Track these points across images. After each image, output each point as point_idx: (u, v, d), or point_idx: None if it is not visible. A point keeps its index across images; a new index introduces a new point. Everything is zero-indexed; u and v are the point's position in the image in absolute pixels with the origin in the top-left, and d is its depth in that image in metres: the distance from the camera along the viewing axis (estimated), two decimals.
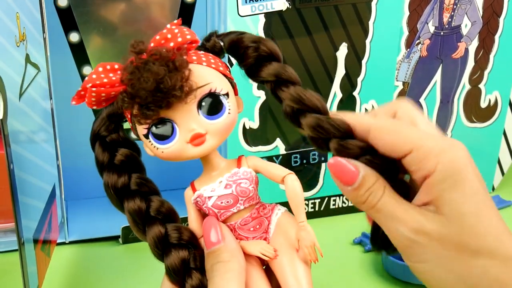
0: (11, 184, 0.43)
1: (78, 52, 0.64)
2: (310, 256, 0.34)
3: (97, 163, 0.36)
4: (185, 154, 0.34)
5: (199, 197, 0.35)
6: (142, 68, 0.31)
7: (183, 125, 0.33)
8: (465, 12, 0.64)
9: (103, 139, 0.36)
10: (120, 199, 0.35)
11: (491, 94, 0.69)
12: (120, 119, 0.36)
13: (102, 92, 0.33)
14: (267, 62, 0.35)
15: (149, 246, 0.35)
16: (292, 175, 0.35)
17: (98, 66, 0.33)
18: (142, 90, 0.31)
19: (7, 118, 0.42)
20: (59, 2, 0.61)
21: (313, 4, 0.58)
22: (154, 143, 0.33)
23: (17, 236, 0.44)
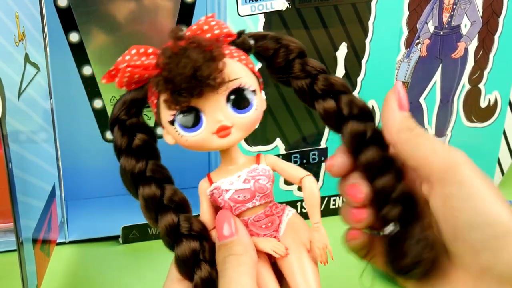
0: (10, 183, 0.43)
1: (78, 52, 0.64)
2: (321, 258, 0.35)
3: (116, 146, 0.36)
4: (209, 144, 0.34)
5: (216, 189, 0.35)
6: (180, 54, 0.31)
7: (211, 115, 0.33)
8: (465, 12, 0.64)
9: (123, 123, 0.36)
10: (135, 184, 0.35)
11: (491, 94, 0.69)
12: (142, 105, 0.36)
13: (137, 73, 0.33)
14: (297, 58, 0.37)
15: (160, 234, 0.35)
16: (310, 177, 0.36)
17: (131, 48, 0.33)
18: (178, 76, 0.31)
19: (5, 118, 0.42)
20: (59, 2, 0.61)
21: (312, 4, 0.58)
22: (179, 130, 0.33)
23: (15, 235, 0.44)
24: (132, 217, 0.64)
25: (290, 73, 0.37)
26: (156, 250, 0.62)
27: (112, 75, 0.34)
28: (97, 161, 0.70)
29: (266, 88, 0.60)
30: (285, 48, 0.37)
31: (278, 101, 0.60)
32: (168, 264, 0.35)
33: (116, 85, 0.34)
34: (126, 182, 0.36)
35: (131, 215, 0.65)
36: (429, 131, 0.69)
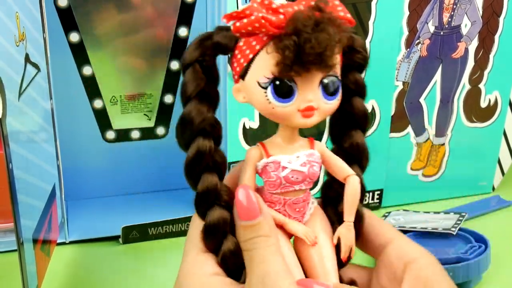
0: (10, 184, 0.43)
1: (78, 52, 0.64)
2: (345, 254, 0.35)
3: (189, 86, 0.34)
4: (291, 119, 0.33)
5: (274, 163, 0.34)
6: (321, 27, 0.30)
7: (303, 93, 0.32)
8: (465, 12, 0.64)
9: (201, 64, 0.34)
10: (194, 134, 0.34)
11: (491, 94, 0.69)
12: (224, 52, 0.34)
13: (265, 27, 0.31)
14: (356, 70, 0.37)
15: (198, 194, 0.34)
16: (356, 177, 0.35)
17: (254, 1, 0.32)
18: (311, 49, 0.30)
19: (6, 118, 0.42)
20: (59, 2, 0.61)
21: None
22: (270, 96, 0.32)
23: (16, 236, 0.44)
24: (132, 217, 0.64)
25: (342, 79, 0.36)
26: (156, 250, 0.62)
27: (235, 16, 0.32)
28: (97, 161, 0.70)
29: None
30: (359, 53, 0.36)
31: None
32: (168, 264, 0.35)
33: (233, 29, 0.32)
34: (185, 129, 0.34)
35: (131, 215, 0.66)
36: (430, 131, 0.69)
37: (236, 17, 0.32)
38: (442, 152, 0.70)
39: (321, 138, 0.64)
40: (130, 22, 0.64)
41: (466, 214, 0.63)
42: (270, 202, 0.35)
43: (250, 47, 0.33)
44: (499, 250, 0.58)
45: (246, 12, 0.32)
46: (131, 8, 0.64)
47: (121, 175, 0.71)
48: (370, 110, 0.65)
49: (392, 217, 0.66)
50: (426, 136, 0.69)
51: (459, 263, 0.52)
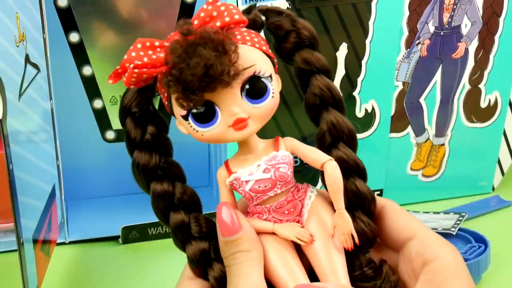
0: (11, 184, 0.43)
1: (78, 52, 0.64)
2: (346, 243, 0.33)
3: (129, 139, 0.35)
4: (225, 138, 0.33)
5: (236, 180, 0.34)
6: (191, 52, 0.29)
7: (226, 108, 0.32)
8: (465, 12, 0.64)
9: (134, 115, 0.35)
10: (147, 180, 0.35)
11: (491, 94, 0.69)
12: (152, 93, 0.34)
13: (145, 73, 0.31)
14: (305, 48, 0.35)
15: (171, 233, 0.35)
16: (332, 162, 0.34)
17: (136, 42, 0.32)
18: (190, 76, 0.29)
19: (6, 118, 0.42)
20: (59, 2, 0.61)
21: (313, 4, 0.58)
22: (194, 125, 0.32)
23: (16, 236, 0.44)
24: (132, 217, 0.64)
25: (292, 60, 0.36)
26: (156, 250, 0.62)
27: (118, 73, 0.32)
28: (97, 161, 0.70)
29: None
30: (297, 34, 0.35)
31: None
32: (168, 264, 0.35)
33: (124, 83, 0.32)
34: (138, 177, 0.35)
35: (131, 215, 0.66)
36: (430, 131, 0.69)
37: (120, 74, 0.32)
38: (442, 152, 0.70)
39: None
40: (130, 22, 0.64)
41: (466, 214, 0.63)
42: (258, 213, 0.35)
43: (162, 86, 0.32)
44: (499, 250, 0.58)
45: (126, 65, 0.31)
46: (131, 8, 0.64)
47: (121, 175, 0.70)
48: (370, 110, 0.65)
49: None
50: (426, 136, 0.69)
51: None
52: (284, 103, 0.61)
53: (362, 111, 0.64)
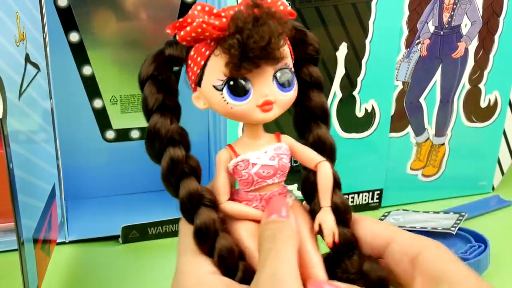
0: (11, 183, 0.43)
1: (78, 52, 0.64)
2: (327, 238, 0.35)
3: (149, 101, 0.35)
4: (251, 116, 0.34)
5: (243, 162, 0.35)
6: (260, 22, 0.31)
7: (259, 88, 0.33)
8: (465, 11, 0.64)
9: (157, 78, 0.35)
10: (165, 145, 0.35)
11: (491, 94, 0.69)
12: (177, 64, 0.35)
13: (208, 31, 0.32)
14: (310, 62, 0.38)
15: (182, 200, 0.35)
16: (327, 162, 0.36)
17: (196, 5, 0.33)
18: (254, 43, 0.31)
19: (6, 118, 0.42)
20: (59, 2, 0.61)
21: (312, 4, 0.58)
22: (226, 96, 0.33)
23: (16, 235, 0.44)
24: (132, 217, 0.64)
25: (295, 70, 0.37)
26: (156, 250, 0.62)
27: (178, 26, 0.33)
28: (97, 161, 0.70)
29: None
30: (306, 47, 0.37)
31: None
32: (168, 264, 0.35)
33: (179, 38, 0.33)
34: (155, 142, 0.35)
35: (131, 214, 0.66)
36: (429, 130, 0.69)
37: (179, 27, 0.33)
38: (442, 152, 0.70)
39: None
40: (130, 22, 0.64)
41: (465, 213, 0.63)
42: (247, 201, 0.36)
43: (200, 54, 0.34)
44: (499, 250, 0.58)
45: (188, 20, 0.33)
46: (131, 8, 0.64)
47: (121, 175, 0.71)
48: (370, 110, 0.65)
49: (392, 217, 0.66)
50: (426, 136, 0.69)
51: None
52: None
53: (362, 111, 0.64)
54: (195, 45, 0.34)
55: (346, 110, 0.64)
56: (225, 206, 0.36)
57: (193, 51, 0.34)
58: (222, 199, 0.36)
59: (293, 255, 0.32)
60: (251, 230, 0.35)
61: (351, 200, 0.68)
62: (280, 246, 0.32)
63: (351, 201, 0.68)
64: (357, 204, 0.69)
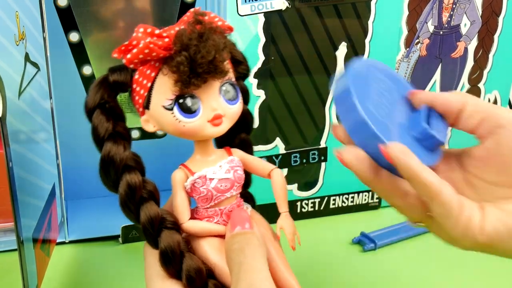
0: (11, 183, 0.43)
1: (78, 52, 0.64)
2: (291, 243, 0.36)
3: (99, 130, 0.35)
4: (203, 132, 0.35)
5: (200, 178, 0.36)
6: (205, 37, 0.32)
7: (207, 103, 0.34)
8: (464, 11, 0.64)
9: (104, 106, 0.35)
10: (120, 172, 0.35)
11: (490, 93, 0.69)
12: (122, 89, 0.35)
13: (155, 51, 0.33)
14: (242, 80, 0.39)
15: (143, 225, 0.35)
16: (279, 170, 0.38)
17: (139, 27, 0.33)
18: (202, 58, 0.32)
19: (6, 117, 0.42)
20: (59, 2, 0.61)
21: (312, 3, 0.58)
22: (178, 115, 0.34)
23: (16, 235, 0.44)
24: None
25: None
26: None
27: (124, 50, 0.34)
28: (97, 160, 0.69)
29: (266, 88, 0.60)
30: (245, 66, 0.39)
31: (278, 101, 0.60)
32: None
33: (126, 61, 0.33)
34: (109, 170, 0.35)
35: None
36: None
37: (125, 51, 0.34)
38: None
39: (320, 138, 0.64)
40: (129, 22, 0.64)
41: None
42: (208, 217, 0.36)
43: (146, 77, 0.34)
44: None
45: (133, 43, 0.33)
46: (131, 8, 0.64)
47: None
48: None
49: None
50: None
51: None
52: (285, 104, 0.61)
53: None
54: (139, 69, 0.34)
55: None
56: (187, 225, 0.36)
57: (138, 74, 0.34)
58: (183, 218, 0.36)
59: (264, 264, 0.33)
60: (216, 246, 0.36)
61: (351, 200, 0.68)
62: (251, 258, 0.33)
63: (351, 201, 0.68)
64: (357, 203, 0.69)
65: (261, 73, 0.59)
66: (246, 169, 0.38)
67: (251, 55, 0.57)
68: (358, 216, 0.69)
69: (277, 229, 0.37)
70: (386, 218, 0.68)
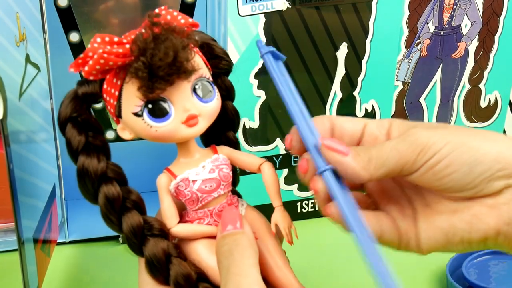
0: (11, 184, 0.43)
1: (78, 52, 0.63)
2: (288, 237, 0.36)
3: (72, 145, 0.34)
4: (178, 134, 0.34)
5: (183, 181, 0.35)
6: (161, 40, 0.31)
7: (179, 104, 0.33)
8: (465, 12, 0.64)
9: (76, 120, 0.34)
10: (97, 185, 0.34)
11: (491, 94, 0.69)
12: (93, 100, 0.35)
13: (111, 60, 0.32)
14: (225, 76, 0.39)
15: (126, 235, 0.34)
16: (268, 163, 0.37)
17: (96, 37, 0.33)
18: (160, 61, 0.31)
19: (7, 118, 0.42)
20: (59, 2, 0.61)
21: (313, 3, 0.58)
22: (148, 120, 0.33)
23: (17, 235, 0.44)
24: None
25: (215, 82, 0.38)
26: None
27: (81, 63, 0.33)
28: None
29: (267, 88, 0.60)
30: (227, 62, 0.38)
31: (278, 101, 0.60)
32: None
33: (84, 74, 0.32)
34: (86, 183, 0.35)
35: None
36: None
37: (82, 64, 0.33)
38: None
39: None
40: (130, 22, 0.64)
41: None
42: (198, 219, 0.36)
43: (113, 86, 0.33)
44: None
45: (89, 54, 0.32)
46: (131, 8, 0.64)
47: None
48: (370, 110, 0.65)
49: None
50: None
51: None
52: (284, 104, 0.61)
53: (362, 111, 0.64)
54: (106, 78, 0.33)
55: (346, 110, 0.64)
56: (176, 230, 0.35)
57: (106, 84, 0.34)
58: (171, 223, 0.35)
59: (252, 266, 0.32)
60: (209, 247, 0.35)
61: None
62: (239, 260, 0.32)
63: None
64: None
65: (261, 73, 0.59)
66: (235, 165, 0.37)
67: (251, 55, 0.57)
68: None
69: (272, 225, 0.36)
70: None
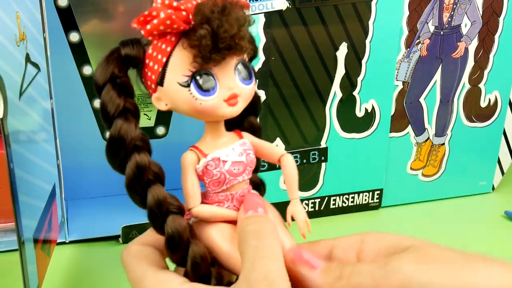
0: (11, 183, 0.43)
1: (78, 52, 0.64)
2: (303, 230, 0.35)
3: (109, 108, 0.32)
4: (219, 111, 0.33)
5: (214, 160, 0.34)
6: (227, 11, 0.30)
7: (224, 82, 0.32)
8: (465, 11, 0.64)
9: (115, 82, 0.33)
10: (129, 152, 0.33)
11: (491, 93, 0.69)
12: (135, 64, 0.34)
13: (176, 23, 0.31)
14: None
15: (150, 208, 0.33)
16: (289, 155, 0.36)
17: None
18: (225, 33, 0.30)
19: (7, 118, 0.42)
20: (59, 2, 0.61)
21: (313, 3, 0.58)
22: (195, 92, 0.32)
23: (17, 235, 0.44)
24: (132, 217, 0.64)
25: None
26: None
27: (142, 21, 0.32)
28: (97, 160, 0.69)
29: (267, 88, 0.60)
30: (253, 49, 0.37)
31: (278, 101, 0.60)
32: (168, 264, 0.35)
33: (144, 33, 0.32)
34: (119, 149, 0.33)
35: (131, 215, 0.65)
36: (429, 130, 0.69)
37: (143, 22, 0.32)
38: (442, 151, 0.70)
39: (320, 138, 0.64)
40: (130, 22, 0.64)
41: None
42: (218, 202, 0.35)
43: (161, 51, 0.32)
44: None
45: (153, 14, 0.31)
46: (131, 8, 0.64)
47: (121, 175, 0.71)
48: (370, 110, 0.65)
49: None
50: (426, 136, 0.69)
51: None
52: (285, 104, 0.61)
53: (362, 111, 0.64)
54: (153, 43, 0.32)
55: (346, 110, 0.64)
56: (198, 209, 0.34)
57: (152, 49, 0.33)
58: (195, 202, 0.34)
59: (281, 252, 0.31)
60: (225, 232, 0.34)
61: (351, 200, 0.68)
62: (267, 242, 0.31)
63: (351, 201, 0.68)
64: (357, 204, 0.69)
65: (261, 73, 0.59)
66: (256, 154, 0.36)
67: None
68: (358, 216, 0.68)
69: (287, 216, 0.35)
70: (387, 219, 0.68)
